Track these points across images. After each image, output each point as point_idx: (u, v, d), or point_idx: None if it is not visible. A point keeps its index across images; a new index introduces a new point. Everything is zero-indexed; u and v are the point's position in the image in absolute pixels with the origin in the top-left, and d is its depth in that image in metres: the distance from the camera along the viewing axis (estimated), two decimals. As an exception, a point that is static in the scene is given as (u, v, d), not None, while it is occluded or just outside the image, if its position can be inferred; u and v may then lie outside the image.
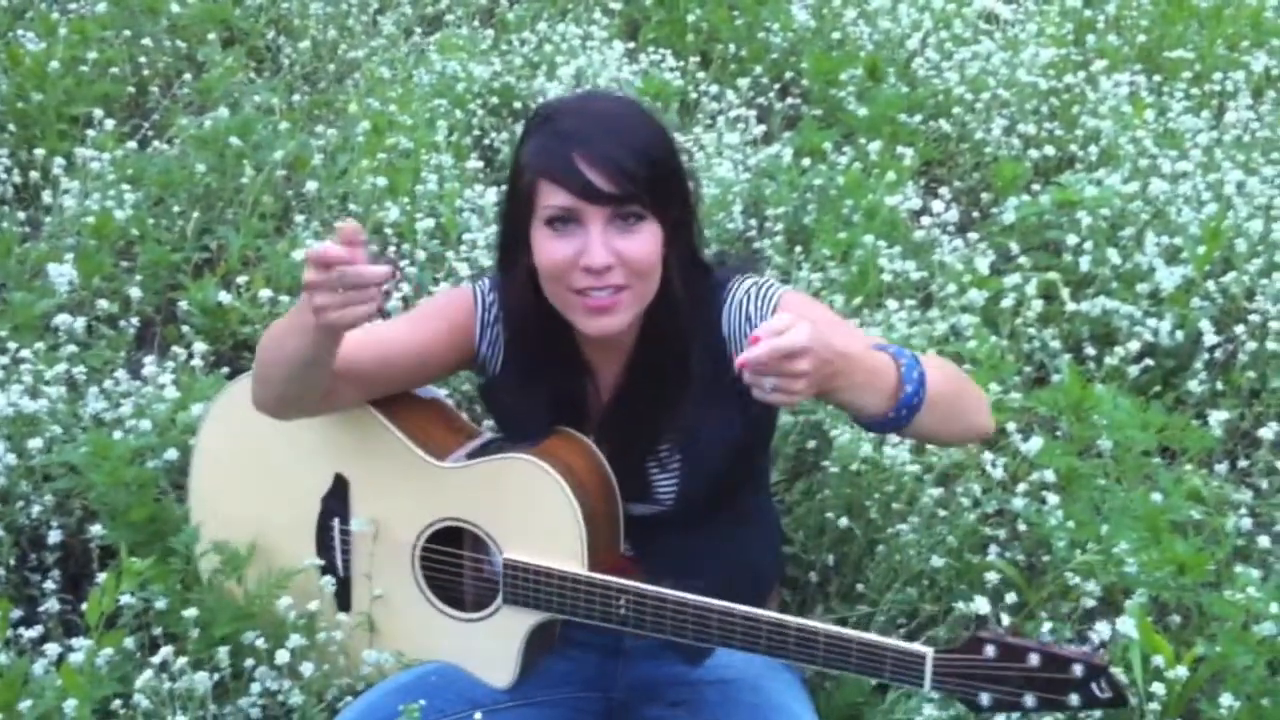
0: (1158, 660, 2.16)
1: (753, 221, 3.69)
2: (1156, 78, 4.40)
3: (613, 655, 2.21)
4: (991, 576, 2.42)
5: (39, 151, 3.74)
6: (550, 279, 1.96)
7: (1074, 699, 1.80)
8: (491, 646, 2.12)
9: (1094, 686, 1.79)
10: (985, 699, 1.84)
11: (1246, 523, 2.64)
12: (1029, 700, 1.82)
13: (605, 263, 1.91)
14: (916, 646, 1.87)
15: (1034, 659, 1.81)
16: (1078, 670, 1.79)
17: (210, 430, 2.33)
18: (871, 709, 2.28)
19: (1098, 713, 2.10)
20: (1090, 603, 2.37)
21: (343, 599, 2.25)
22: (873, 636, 1.90)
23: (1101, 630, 2.27)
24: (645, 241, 1.94)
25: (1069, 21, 4.73)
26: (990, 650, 1.83)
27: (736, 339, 2.03)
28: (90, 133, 3.86)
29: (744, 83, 4.34)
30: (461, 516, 2.11)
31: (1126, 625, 2.21)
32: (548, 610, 2.06)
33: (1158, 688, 2.13)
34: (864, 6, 4.83)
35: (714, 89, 4.34)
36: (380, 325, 2.14)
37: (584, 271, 1.92)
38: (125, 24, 4.58)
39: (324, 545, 2.25)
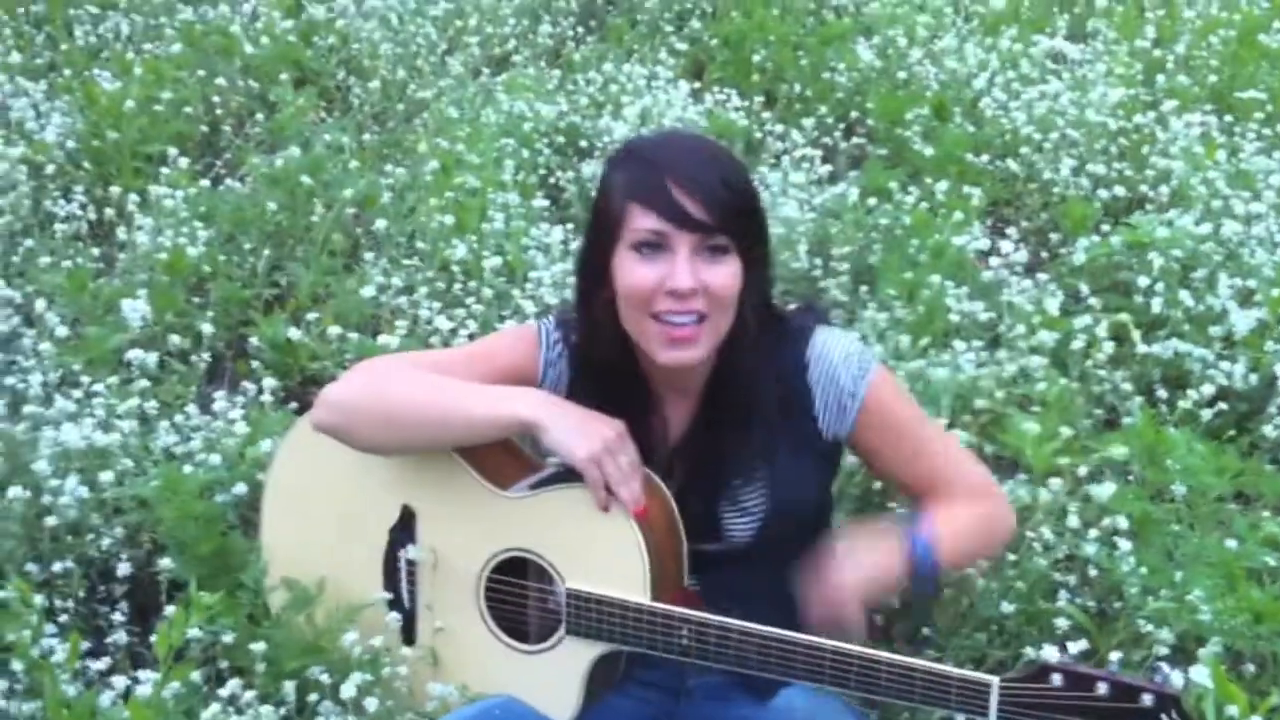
0: (1232, 710, 2.11)
1: (818, 261, 3.68)
2: (1228, 118, 4.35)
3: (676, 695, 2.19)
4: (1061, 622, 2.38)
5: (114, 189, 3.82)
6: (632, 304, 1.96)
7: None
8: (554, 678, 2.10)
9: (1164, 718, 1.74)
10: None
11: (1323, 570, 2.58)
12: None
13: (691, 286, 1.91)
14: (982, 675, 1.84)
15: (1103, 688, 1.76)
16: (1148, 700, 1.75)
17: (282, 465, 2.35)
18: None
19: None
20: (1163, 650, 2.32)
21: (408, 631, 2.25)
22: (937, 665, 1.87)
23: (1175, 679, 2.23)
24: (728, 273, 1.95)
25: (1138, 61, 4.69)
26: (1057, 679, 1.79)
27: (826, 399, 2.05)
28: (164, 170, 3.93)
29: (809, 122, 4.34)
30: (525, 547, 2.10)
31: (1201, 674, 2.16)
32: (610, 641, 2.04)
33: (1233, 738, 2.08)
34: (930, 46, 4.82)
35: (779, 128, 4.35)
36: (436, 361, 2.15)
37: (668, 295, 1.92)
38: (199, 64, 4.66)
39: (391, 578, 2.26)
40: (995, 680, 1.82)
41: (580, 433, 1.98)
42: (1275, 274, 3.30)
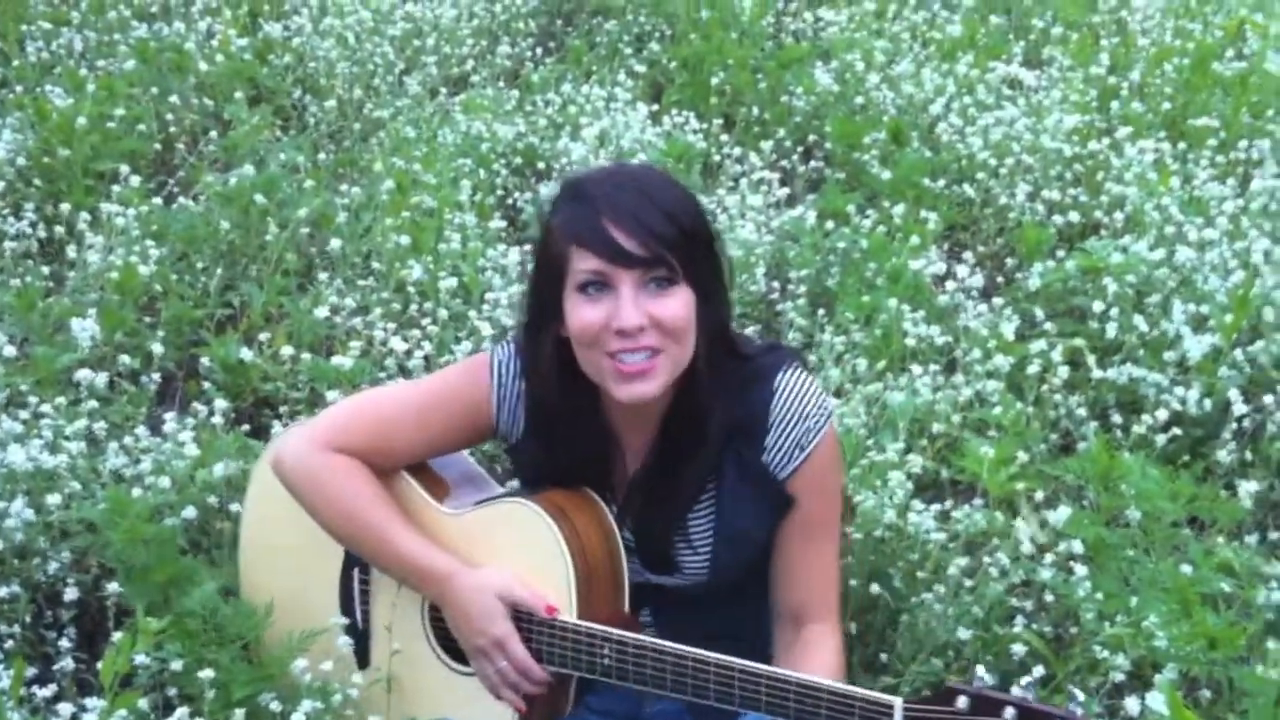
0: (1189, 736, 2.11)
1: (776, 284, 3.68)
2: (1181, 145, 4.39)
3: (632, 725, 2.19)
4: (1018, 648, 2.38)
5: (64, 206, 3.76)
6: (584, 344, 1.96)
7: None
8: (489, 702, 2.09)
9: None
10: None
11: (1278, 596, 2.59)
12: None
13: (637, 323, 1.91)
14: (885, 696, 1.82)
15: (1009, 713, 1.74)
16: None
17: (253, 488, 2.36)
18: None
19: None
20: (1119, 676, 2.32)
21: (361, 654, 2.23)
22: (843, 686, 1.86)
23: (1131, 705, 2.23)
24: (678, 303, 1.94)
25: (1093, 88, 4.72)
26: (963, 702, 1.77)
27: (781, 440, 2.04)
28: (116, 188, 3.88)
29: (767, 145, 4.34)
30: (464, 563, 2.09)
31: (1157, 700, 2.16)
32: (536, 660, 2.04)
33: (1189, 765, 2.08)
34: (887, 71, 4.84)
35: (737, 151, 4.35)
36: (390, 416, 2.17)
37: (616, 334, 1.92)
38: (153, 81, 4.61)
39: (346, 599, 2.24)
40: (898, 702, 1.80)
41: (470, 629, 2.04)
42: (1228, 300, 3.32)
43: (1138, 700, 2.24)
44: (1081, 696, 1.84)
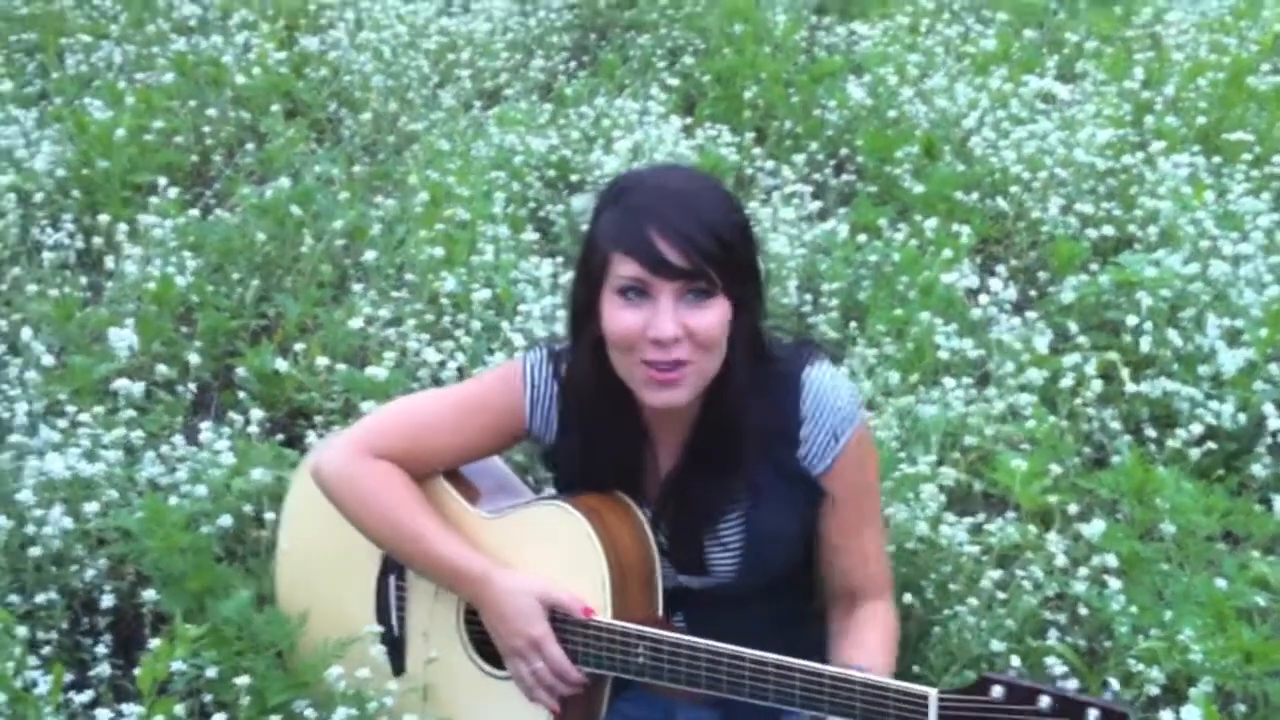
0: (1225, 751, 2.11)
1: (807, 297, 3.68)
2: (1216, 159, 4.37)
3: (665, 733, 2.19)
4: (1051, 661, 2.37)
5: (102, 217, 3.80)
6: (618, 348, 1.97)
7: None
8: (523, 706, 2.10)
9: None
10: None
11: (1313, 611, 2.58)
12: None
13: (673, 335, 1.92)
14: (920, 688, 1.81)
15: (1045, 702, 1.73)
16: (1093, 716, 1.72)
17: (291, 497, 2.38)
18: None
19: None
20: (1154, 690, 2.31)
21: (397, 660, 2.24)
22: (876, 678, 1.86)
23: (1166, 718, 2.22)
24: (713, 316, 1.94)
25: (1127, 102, 4.71)
26: (998, 692, 1.76)
27: (814, 435, 2.06)
28: (153, 200, 3.91)
29: (799, 158, 4.35)
30: (501, 565, 2.10)
31: (1192, 714, 2.16)
32: (572, 661, 2.04)
33: (1225, 779, 2.07)
34: (920, 85, 4.84)
35: (770, 164, 4.36)
36: (425, 422, 2.19)
37: (651, 343, 1.93)
38: (190, 94, 4.66)
39: (382, 606, 2.25)
40: (933, 692, 1.80)
41: (507, 630, 2.06)
42: (1263, 314, 3.31)
43: (1173, 714, 2.22)
44: (1117, 686, 1.82)
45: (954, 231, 3.81)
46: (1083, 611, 2.52)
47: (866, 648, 2.06)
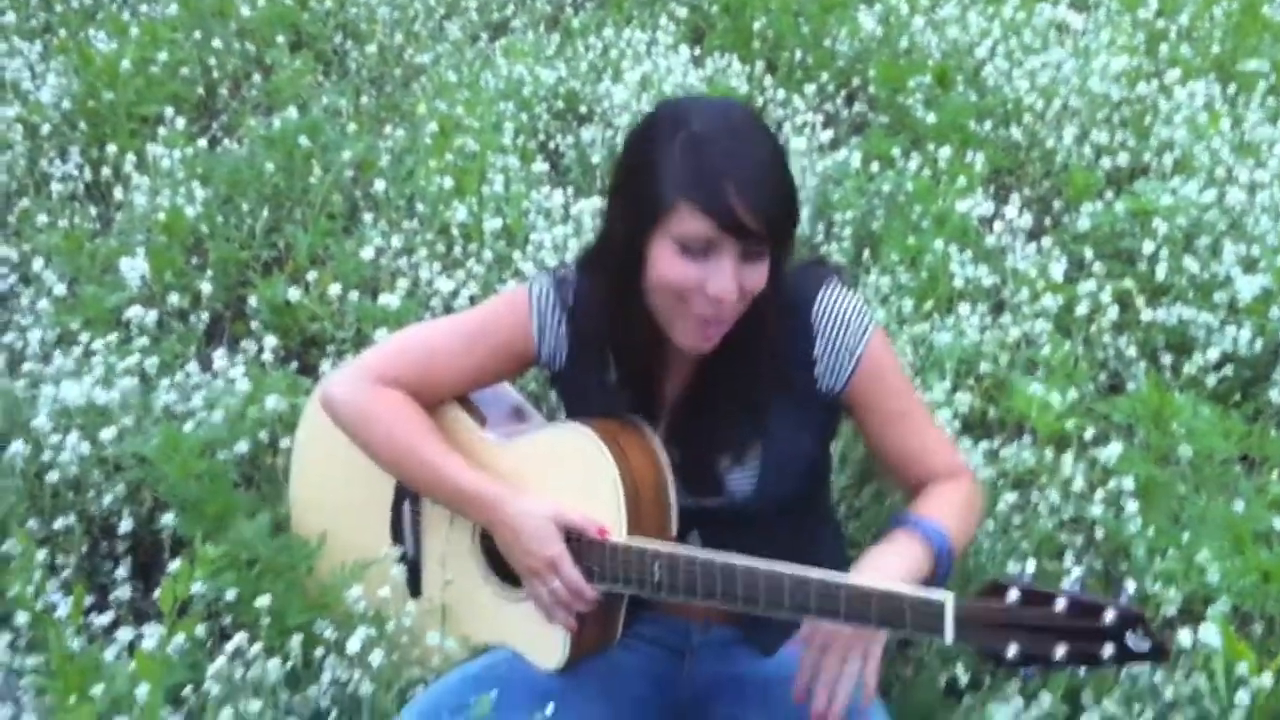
0: (1241, 668, 2.11)
1: (820, 227, 3.66)
2: (1231, 88, 4.33)
3: (681, 652, 2.20)
4: (1068, 581, 2.37)
5: (110, 149, 3.77)
6: (668, 294, 1.93)
7: (1108, 650, 1.71)
8: (541, 625, 2.11)
9: (1129, 636, 1.71)
10: (1012, 651, 1.76)
11: (1331, 533, 2.58)
12: (1059, 652, 1.73)
13: (735, 295, 1.89)
14: (936, 594, 1.79)
15: (1061, 604, 1.73)
16: (1110, 617, 1.71)
17: (306, 421, 2.38)
18: (947, 711, 2.24)
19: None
20: (1171, 610, 2.31)
21: (414, 583, 2.25)
22: (893, 586, 1.84)
23: (1183, 638, 2.22)
24: (761, 273, 1.92)
25: (1141, 31, 4.67)
26: (1014, 595, 1.76)
27: (827, 354, 2.04)
28: (161, 131, 3.89)
29: (810, 89, 4.31)
30: (514, 488, 2.10)
31: (1209, 633, 2.15)
32: (588, 580, 2.05)
33: (1242, 696, 2.08)
34: (932, 15, 4.79)
35: (780, 95, 4.32)
36: (435, 347, 2.18)
37: (707, 298, 1.89)
38: (195, 26, 4.63)
39: (398, 530, 2.25)
40: (949, 597, 1.78)
41: (522, 551, 2.05)
42: (1278, 242, 3.29)
43: (1189, 634, 2.22)
44: (1132, 588, 1.82)
45: (968, 161, 3.78)
46: (1099, 535, 2.52)
47: (949, 505, 2.04)
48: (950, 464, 2.13)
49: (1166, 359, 3.05)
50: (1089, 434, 2.69)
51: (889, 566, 1.92)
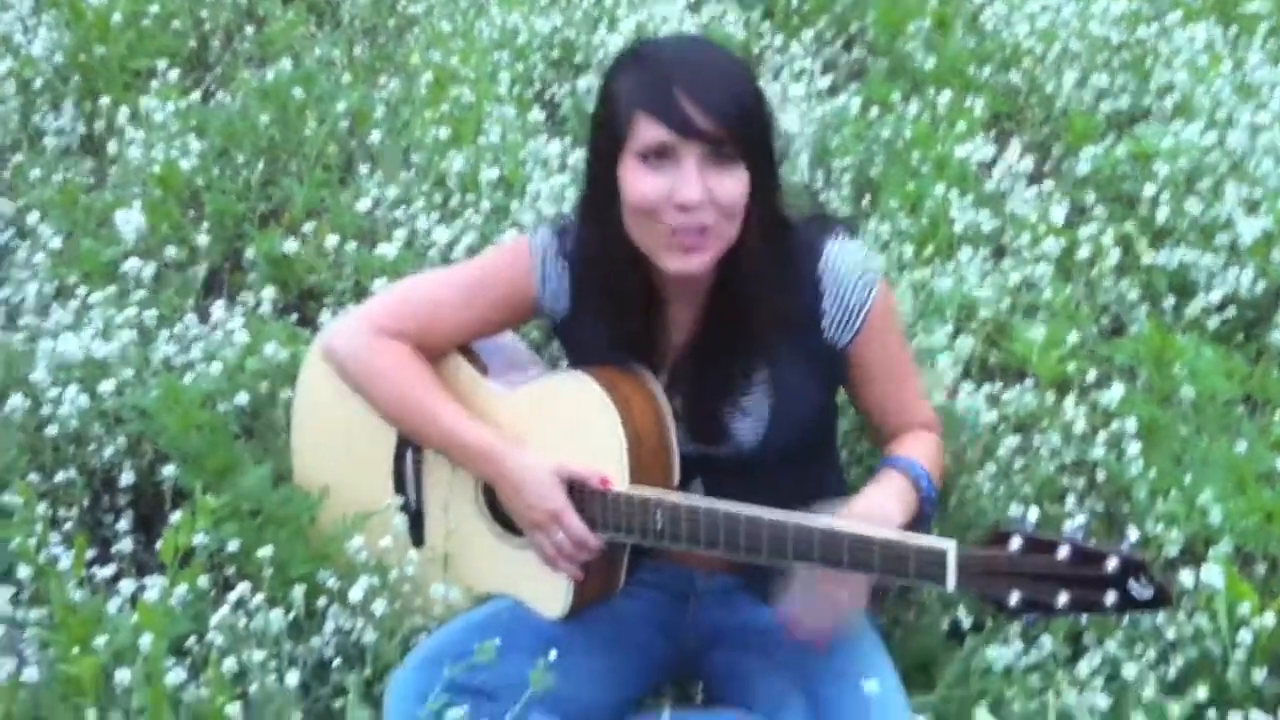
0: (1244, 608, 2.11)
1: (819, 173, 3.64)
2: (1232, 30, 4.30)
3: (683, 600, 2.21)
4: (1070, 526, 2.37)
5: (103, 102, 3.74)
6: (639, 214, 1.94)
7: (1111, 597, 1.72)
8: (543, 574, 2.11)
9: (1132, 584, 1.72)
10: (1014, 599, 1.77)
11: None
12: (1061, 600, 1.74)
13: (699, 198, 1.89)
14: (938, 542, 1.80)
15: (1064, 552, 1.74)
16: (1112, 565, 1.73)
17: (304, 376, 2.38)
18: (948, 654, 2.24)
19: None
20: (1172, 552, 2.32)
21: (417, 533, 2.25)
22: (896, 534, 1.85)
23: (1185, 578, 2.22)
24: (736, 182, 1.92)
25: (1141, -26, 4.62)
26: (1016, 544, 1.77)
27: (834, 307, 2.04)
28: (154, 84, 3.86)
29: (808, 35, 4.28)
30: (517, 437, 2.10)
31: (1212, 574, 2.16)
32: (590, 529, 2.05)
33: (1244, 636, 2.08)
34: (931, -42, 4.74)
35: (778, 41, 4.28)
36: (437, 298, 2.18)
37: (676, 208, 1.90)
38: (186, -23, 4.57)
39: (399, 480, 2.25)
40: (952, 544, 1.79)
41: (525, 504, 2.05)
42: (1281, 184, 3.28)
43: (1191, 574, 2.23)
44: (1135, 536, 1.82)
45: (967, 105, 3.76)
46: (1101, 478, 2.52)
47: (926, 449, 2.12)
48: (927, 418, 2.19)
49: (1168, 302, 3.04)
50: (1090, 377, 2.69)
51: (888, 509, 1.94)
